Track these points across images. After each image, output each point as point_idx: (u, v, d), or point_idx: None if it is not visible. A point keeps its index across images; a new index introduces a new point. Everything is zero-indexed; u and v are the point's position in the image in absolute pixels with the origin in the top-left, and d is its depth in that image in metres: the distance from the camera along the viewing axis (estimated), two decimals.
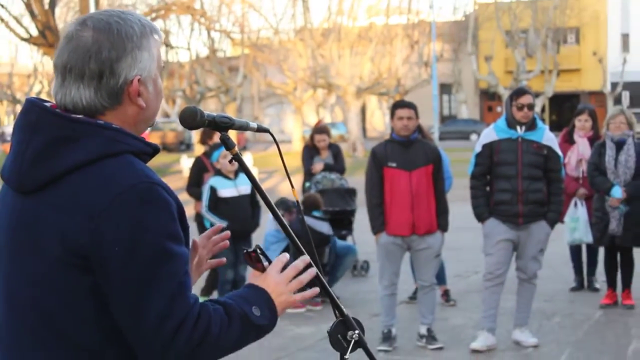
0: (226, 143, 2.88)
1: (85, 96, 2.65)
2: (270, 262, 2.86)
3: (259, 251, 2.85)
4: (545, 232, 9.03)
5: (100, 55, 2.62)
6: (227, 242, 3.25)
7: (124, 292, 2.55)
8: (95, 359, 2.64)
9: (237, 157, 2.89)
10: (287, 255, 2.88)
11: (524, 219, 8.91)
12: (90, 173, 2.57)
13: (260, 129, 3.07)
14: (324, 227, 11.09)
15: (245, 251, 2.87)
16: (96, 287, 2.56)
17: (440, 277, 11.19)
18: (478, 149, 9.12)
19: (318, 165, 12.92)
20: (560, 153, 9.21)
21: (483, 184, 9.09)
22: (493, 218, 9.00)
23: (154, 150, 2.77)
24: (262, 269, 2.84)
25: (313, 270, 2.85)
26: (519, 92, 9.07)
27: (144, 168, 2.64)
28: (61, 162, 2.59)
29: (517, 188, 8.87)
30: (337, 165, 13.15)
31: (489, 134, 9.13)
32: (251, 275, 2.87)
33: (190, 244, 2.98)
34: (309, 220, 10.92)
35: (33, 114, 2.66)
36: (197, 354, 2.61)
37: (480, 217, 9.12)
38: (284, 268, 2.83)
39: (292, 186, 3.32)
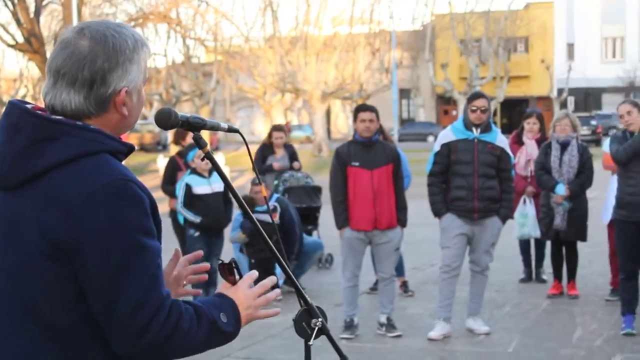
0: (198, 142, 2.88)
1: (74, 101, 2.65)
2: (241, 276, 2.86)
3: (233, 265, 2.86)
4: (497, 227, 9.06)
5: (94, 64, 2.63)
6: (205, 275, 3.21)
7: (100, 283, 2.54)
8: (74, 343, 2.63)
9: (208, 156, 2.89)
10: (256, 273, 2.90)
11: (478, 214, 8.93)
12: (68, 171, 2.57)
13: (231, 130, 3.06)
14: (268, 218, 11.01)
15: (220, 263, 2.87)
16: (74, 277, 2.56)
17: (399, 269, 11.20)
18: (437, 148, 9.14)
19: (277, 165, 12.87)
20: (511, 154, 9.26)
21: (440, 182, 9.11)
22: (449, 213, 9.02)
23: (128, 150, 2.76)
24: (233, 282, 2.85)
25: (278, 291, 2.88)
26: (473, 96, 9.11)
27: (119, 166, 2.63)
28: (41, 161, 2.58)
29: (473, 185, 8.89)
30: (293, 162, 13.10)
31: (447, 134, 9.15)
32: (222, 286, 2.87)
33: (173, 253, 3.05)
34: (256, 216, 10.86)
35: (14, 115, 2.66)
36: (167, 347, 2.60)
37: (438, 213, 9.14)
38: (257, 282, 2.85)
39: (260, 182, 3.32)
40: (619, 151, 9.04)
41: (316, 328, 2.98)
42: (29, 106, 2.68)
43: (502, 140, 9.09)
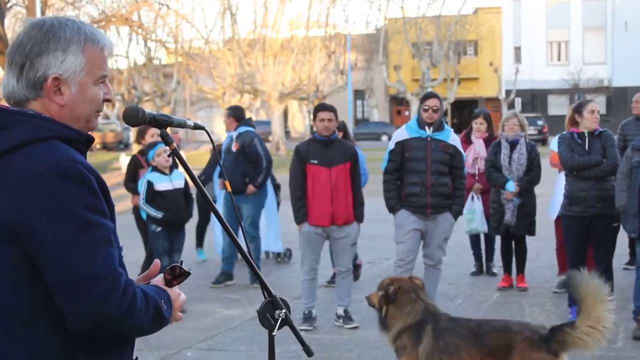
0: (165, 139, 2.88)
1: (10, 84, 2.70)
2: (182, 276, 2.90)
3: (178, 270, 2.89)
4: (450, 223, 9.10)
5: (25, 48, 2.68)
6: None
7: (53, 260, 2.53)
8: (30, 328, 2.61)
9: (175, 152, 2.89)
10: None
11: (431, 210, 8.97)
12: (19, 155, 2.60)
13: (197, 127, 3.06)
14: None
15: (176, 264, 2.90)
16: (26, 257, 2.56)
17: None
18: (391, 146, 9.17)
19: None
20: (463, 152, 9.30)
21: (395, 178, 9.13)
22: (404, 209, 9.05)
23: (86, 139, 2.77)
24: (170, 284, 2.87)
25: (178, 316, 2.89)
26: (426, 96, 9.17)
27: (68, 150, 2.64)
28: None
29: (427, 182, 8.93)
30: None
31: (401, 133, 9.18)
32: (158, 279, 2.88)
33: (153, 265, 3.02)
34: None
35: None
36: (124, 323, 2.59)
37: (392, 209, 9.16)
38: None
39: (225, 178, 3.32)
40: (572, 162, 9.13)
41: (280, 319, 2.97)
42: None
43: (454, 139, 9.13)
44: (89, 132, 2.83)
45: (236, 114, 11.74)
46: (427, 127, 9.01)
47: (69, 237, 2.52)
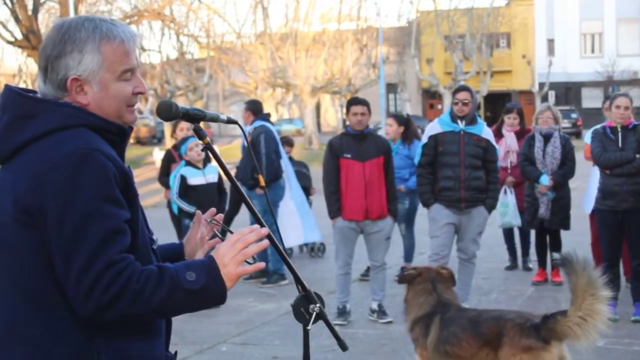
0: (198, 133, 2.87)
1: (41, 85, 2.76)
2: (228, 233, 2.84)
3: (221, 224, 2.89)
4: (483, 217, 9.06)
5: (46, 52, 2.73)
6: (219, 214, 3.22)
7: (58, 247, 2.57)
8: (50, 310, 2.65)
9: (209, 147, 2.89)
10: (253, 228, 2.79)
11: (465, 204, 8.92)
12: (43, 143, 2.64)
13: (230, 121, 3.05)
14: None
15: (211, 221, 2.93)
16: (43, 242, 2.60)
17: (409, 256, 11.42)
18: (424, 140, 9.15)
19: None
20: (496, 146, 9.23)
21: (428, 172, 9.09)
22: (437, 204, 9.01)
23: (118, 129, 2.78)
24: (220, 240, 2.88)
25: (264, 243, 2.76)
26: (457, 90, 9.15)
27: (90, 138, 2.66)
28: (21, 135, 2.66)
29: (460, 176, 8.88)
30: None
31: (434, 126, 9.14)
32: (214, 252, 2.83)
33: (195, 217, 3.11)
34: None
35: (4, 97, 2.76)
36: (117, 307, 2.57)
37: (426, 203, 9.13)
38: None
39: (259, 172, 3.31)
40: (604, 159, 9.05)
41: (314, 313, 2.94)
42: (17, 88, 2.76)
43: (487, 133, 9.08)
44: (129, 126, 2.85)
45: (253, 108, 11.70)
46: (459, 121, 8.97)
47: (73, 227, 2.55)
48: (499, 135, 11.53)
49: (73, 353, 2.66)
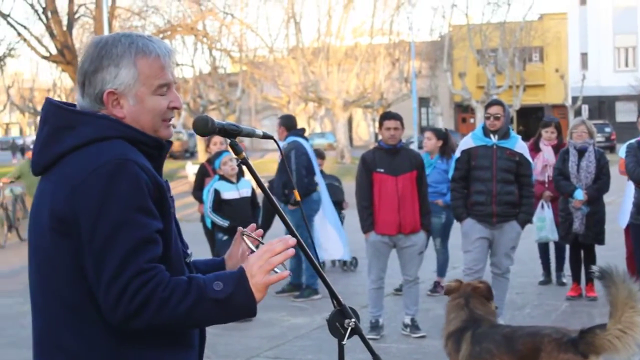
0: (234, 148, 2.87)
1: (79, 100, 2.81)
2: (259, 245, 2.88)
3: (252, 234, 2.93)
4: (516, 231, 9.01)
5: (84, 67, 2.79)
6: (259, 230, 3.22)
7: (90, 256, 2.61)
8: (79, 315, 2.69)
9: (244, 162, 2.89)
10: (281, 238, 2.79)
11: (497, 219, 8.89)
12: (80, 153, 2.68)
13: (265, 136, 3.07)
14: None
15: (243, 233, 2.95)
16: (77, 251, 2.63)
17: (442, 270, 11.49)
18: (457, 154, 9.14)
19: None
20: (530, 160, 9.19)
21: (462, 187, 9.08)
22: (470, 218, 8.98)
23: (155, 142, 2.82)
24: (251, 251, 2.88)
25: (289, 252, 2.73)
26: (488, 104, 9.14)
27: (126, 149, 2.70)
28: (60, 146, 2.71)
29: (492, 190, 8.85)
30: None
31: (467, 141, 9.13)
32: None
33: (237, 233, 3.14)
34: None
35: (44, 109, 2.82)
36: (144, 316, 2.58)
37: (459, 217, 9.12)
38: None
39: (294, 187, 3.34)
40: (638, 173, 9.01)
41: (349, 328, 2.94)
42: (57, 101, 2.82)
43: (521, 147, 9.03)
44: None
45: (286, 123, 11.67)
46: (492, 135, 8.94)
47: (104, 237, 2.58)
48: (536, 149, 11.49)
49: None
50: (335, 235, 11.76)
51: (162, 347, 2.75)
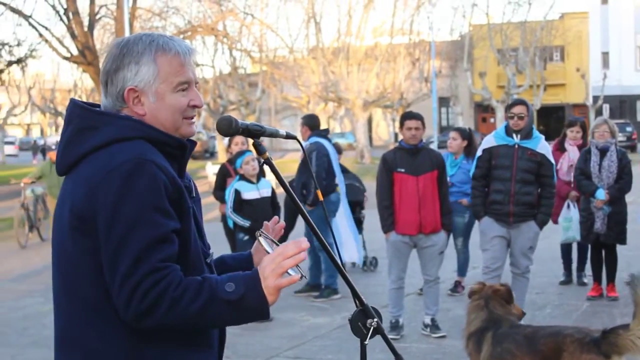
0: (258, 149, 2.89)
1: (103, 100, 2.85)
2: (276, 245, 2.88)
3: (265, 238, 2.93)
4: (534, 231, 8.99)
5: (106, 67, 2.83)
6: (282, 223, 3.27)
7: (106, 254, 2.64)
8: (99, 314, 2.72)
9: (268, 162, 2.90)
10: (296, 240, 2.76)
11: (514, 218, 8.89)
12: (102, 153, 2.72)
13: (289, 136, 3.08)
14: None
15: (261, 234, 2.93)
16: (96, 250, 2.66)
17: (462, 269, 11.54)
18: (479, 153, 9.15)
19: None
20: (553, 161, 9.17)
21: (482, 185, 9.08)
22: (487, 217, 9.00)
23: (177, 143, 2.84)
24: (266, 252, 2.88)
25: (301, 256, 2.70)
26: (512, 104, 9.11)
27: (145, 149, 2.72)
28: (82, 147, 2.76)
29: (510, 190, 8.86)
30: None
31: (489, 140, 9.14)
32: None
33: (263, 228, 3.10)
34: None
35: (69, 109, 2.86)
36: (154, 312, 2.60)
37: (477, 215, 9.15)
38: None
39: (317, 187, 3.35)
40: None
41: (372, 328, 2.95)
42: (81, 102, 2.86)
43: (543, 147, 9.01)
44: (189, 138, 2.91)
45: (309, 123, 11.65)
46: (514, 135, 8.94)
47: (120, 235, 2.61)
48: (561, 149, 11.47)
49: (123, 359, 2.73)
50: (350, 239, 11.76)
51: (182, 347, 2.78)
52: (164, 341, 2.74)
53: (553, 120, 65.94)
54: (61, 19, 34.47)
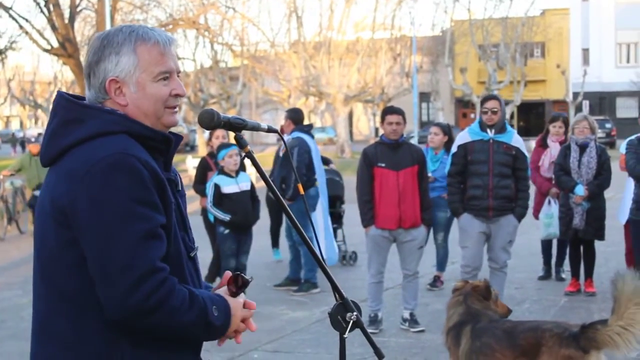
0: (239, 142, 2.90)
1: (87, 93, 2.86)
2: (244, 286, 2.92)
3: (240, 279, 2.91)
4: (513, 225, 9.06)
5: (88, 58, 2.85)
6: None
7: (92, 246, 2.64)
8: (76, 306, 2.73)
9: (249, 155, 2.91)
10: (253, 304, 2.96)
11: (493, 212, 8.95)
12: (85, 147, 2.73)
13: (270, 130, 3.09)
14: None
15: (237, 273, 2.92)
16: (75, 241, 2.68)
17: (441, 265, 11.58)
18: (454, 149, 9.21)
19: None
20: (526, 154, 9.23)
21: (458, 182, 9.14)
22: (467, 213, 9.04)
23: (161, 137, 2.85)
24: (234, 294, 2.90)
25: (253, 327, 2.94)
26: (485, 98, 9.20)
27: (128, 144, 2.73)
28: (66, 139, 2.76)
29: (488, 184, 8.91)
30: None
31: (464, 136, 9.20)
32: (223, 292, 2.91)
33: (223, 277, 3.04)
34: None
35: (55, 101, 2.87)
36: (153, 317, 2.64)
37: (455, 212, 9.19)
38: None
39: (298, 181, 3.36)
40: (638, 170, 9.04)
41: (351, 321, 2.97)
42: (67, 94, 2.87)
43: (517, 141, 9.09)
44: (170, 129, 2.92)
45: (293, 117, 11.59)
46: (489, 130, 9.00)
47: (108, 227, 2.62)
48: (544, 145, 11.51)
49: (99, 355, 2.73)
50: (321, 237, 11.70)
51: (159, 343, 2.78)
52: (142, 337, 2.74)
53: (533, 116, 66.17)
54: (42, 11, 34.34)
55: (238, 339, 2.93)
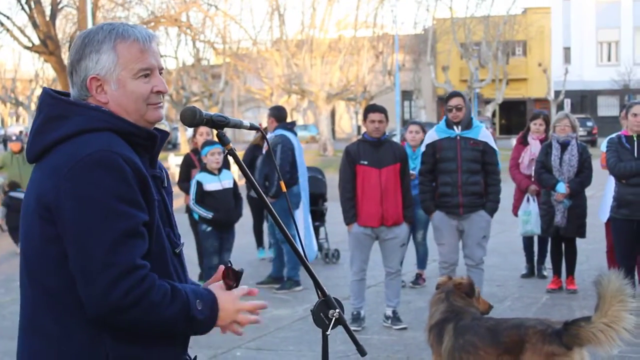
0: (222, 140, 2.90)
1: (70, 91, 2.88)
2: (238, 280, 2.93)
3: (233, 272, 2.92)
4: (485, 220, 9.10)
5: (71, 57, 2.86)
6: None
7: (74, 243, 2.65)
8: (59, 302, 2.73)
9: (231, 152, 2.92)
10: (249, 290, 2.98)
11: (464, 209, 9.00)
12: (70, 144, 2.73)
13: (252, 127, 3.10)
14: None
15: (229, 265, 2.92)
16: (59, 238, 2.68)
17: (422, 262, 11.58)
18: (423, 148, 9.29)
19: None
20: (496, 148, 9.28)
21: (429, 180, 9.20)
22: (439, 211, 9.10)
23: (146, 134, 2.86)
24: (229, 288, 2.90)
25: (258, 318, 2.95)
26: (449, 96, 9.24)
27: (112, 141, 2.74)
28: (51, 136, 2.77)
29: (457, 181, 8.95)
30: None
31: (431, 134, 9.26)
32: (217, 286, 2.91)
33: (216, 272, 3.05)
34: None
35: (40, 98, 2.88)
36: (133, 313, 2.64)
37: (427, 210, 9.25)
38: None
39: (280, 179, 3.36)
40: (619, 168, 9.09)
41: (334, 318, 2.98)
42: (52, 91, 2.87)
43: (485, 135, 9.13)
44: (154, 125, 2.92)
45: (276, 115, 11.56)
46: (455, 127, 9.03)
47: (90, 224, 2.62)
48: (524, 143, 11.55)
49: (82, 351, 2.73)
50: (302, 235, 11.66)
51: (142, 340, 2.78)
52: (125, 333, 2.74)
53: (515, 114, 66.32)
54: (23, 8, 34.18)
55: (238, 331, 2.92)
